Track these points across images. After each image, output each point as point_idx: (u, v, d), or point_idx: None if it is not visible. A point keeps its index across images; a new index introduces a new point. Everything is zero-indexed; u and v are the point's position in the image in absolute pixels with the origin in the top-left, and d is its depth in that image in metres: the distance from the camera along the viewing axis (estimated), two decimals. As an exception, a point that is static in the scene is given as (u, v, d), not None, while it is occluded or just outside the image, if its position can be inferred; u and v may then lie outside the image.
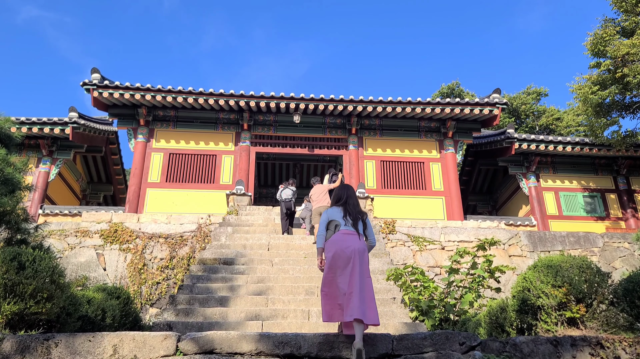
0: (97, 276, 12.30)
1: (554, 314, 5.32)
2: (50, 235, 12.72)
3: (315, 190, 12.23)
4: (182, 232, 13.26)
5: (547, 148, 17.21)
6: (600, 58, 15.21)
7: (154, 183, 15.82)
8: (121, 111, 16.26)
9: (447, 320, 8.29)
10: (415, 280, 8.86)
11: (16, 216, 6.76)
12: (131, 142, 16.25)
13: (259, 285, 9.54)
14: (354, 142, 16.89)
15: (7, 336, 4.41)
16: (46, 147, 16.72)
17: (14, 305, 4.75)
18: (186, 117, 16.69)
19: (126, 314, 7.49)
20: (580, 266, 5.44)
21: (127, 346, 4.48)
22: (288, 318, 8.37)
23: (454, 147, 17.08)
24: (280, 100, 15.77)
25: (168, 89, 15.34)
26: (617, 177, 18.22)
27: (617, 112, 15.45)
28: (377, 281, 10.04)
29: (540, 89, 34.12)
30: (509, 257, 13.67)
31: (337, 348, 4.63)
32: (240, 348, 4.63)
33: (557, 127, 31.33)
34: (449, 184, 16.56)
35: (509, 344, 4.58)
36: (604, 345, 4.45)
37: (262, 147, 16.82)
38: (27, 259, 5.07)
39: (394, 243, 13.54)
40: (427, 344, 4.66)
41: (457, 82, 34.12)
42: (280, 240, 11.89)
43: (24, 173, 7.61)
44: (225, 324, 7.77)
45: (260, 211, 14.22)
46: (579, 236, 14.38)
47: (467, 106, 16.18)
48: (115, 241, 12.97)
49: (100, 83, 15.15)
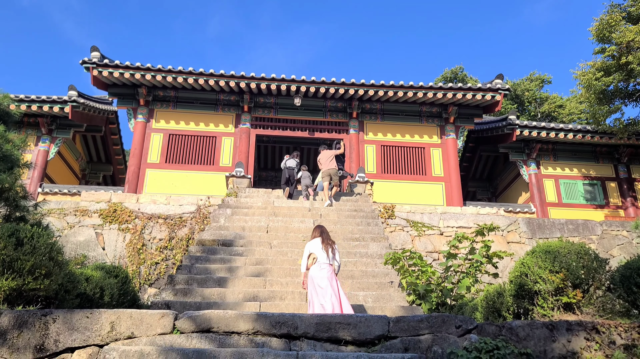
0: (96, 255, 12.34)
1: (550, 300, 5.33)
2: (49, 213, 12.73)
3: (323, 155, 14.15)
4: (181, 213, 13.27)
5: (549, 135, 17.14)
6: (605, 44, 15.08)
7: (154, 163, 15.78)
8: (121, 90, 16.16)
9: (444, 304, 8.33)
10: (413, 265, 8.88)
11: (15, 193, 6.74)
12: (131, 122, 16.18)
13: (258, 267, 9.57)
14: (354, 126, 16.82)
15: (5, 311, 4.42)
16: (45, 125, 16.65)
17: (12, 281, 4.76)
18: (186, 97, 16.60)
19: (124, 293, 7.52)
20: (578, 253, 5.44)
21: (124, 323, 4.50)
22: (286, 300, 8.41)
23: (455, 133, 17.01)
24: (281, 82, 15.67)
25: (168, 69, 15.23)
26: (618, 165, 18.18)
27: (620, 99, 15.35)
28: (375, 265, 10.07)
29: (544, 76, 33.91)
30: (507, 244, 13.70)
31: (334, 329, 4.65)
32: (237, 327, 4.65)
33: (560, 114, 31.19)
34: (449, 170, 16.53)
35: (505, 328, 4.60)
36: (600, 330, 4.46)
37: (263, 129, 16.75)
38: (25, 235, 5.06)
39: (392, 228, 13.56)
40: (424, 327, 4.67)
41: (460, 67, 33.88)
42: (279, 223, 11.91)
43: (23, 150, 7.57)
44: (224, 305, 7.80)
45: (259, 194, 14.21)
46: (577, 223, 14.40)
47: (469, 91, 16.08)
48: (115, 221, 12.98)
49: (100, 61, 15.03)
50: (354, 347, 4.65)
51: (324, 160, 13.95)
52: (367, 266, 10.04)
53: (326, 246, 7.22)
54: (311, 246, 7.32)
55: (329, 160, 13.88)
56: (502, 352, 4.21)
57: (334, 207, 13.17)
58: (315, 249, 7.25)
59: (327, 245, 7.23)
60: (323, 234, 7.38)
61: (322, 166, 13.92)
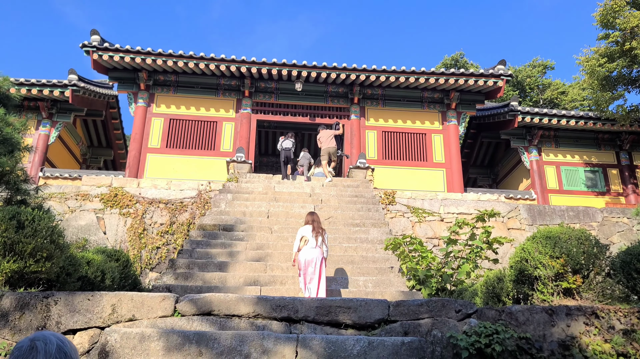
0: (97, 239, 12.37)
1: (550, 285, 5.34)
2: (50, 197, 12.74)
3: (323, 133, 15.00)
4: (182, 198, 13.27)
5: (551, 121, 17.07)
6: (609, 30, 14.94)
7: (154, 148, 15.76)
8: (121, 75, 16.08)
9: (444, 290, 8.36)
10: (414, 250, 8.90)
11: (15, 176, 6.74)
12: (131, 107, 16.12)
13: (258, 252, 9.60)
14: (355, 111, 16.75)
15: (7, 293, 4.44)
16: (46, 109, 16.59)
17: (14, 263, 4.78)
18: (187, 82, 16.51)
19: (125, 276, 7.56)
20: (579, 238, 5.44)
21: (125, 306, 4.52)
22: (286, 284, 8.45)
23: (456, 119, 16.95)
24: (282, 67, 15.57)
25: (169, 53, 15.13)
26: (620, 152, 18.13)
27: (623, 86, 15.26)
28: (376, 251, 10.10)
29: (547, 62, 33.65)
30: (508, 230, 13.71)
31: (334, 313, 4.67)
32: (238, 310, 4.67)
33: (562, 101, 31.03)
34: (450, 156, 16.49)
35: (505, 312, 4.61)
36: (599, 315, 4.48)
37: (263, 114, 16.69)
38: (26, 218, 5.07)
39: (393, 214, 13.57)
40: (424, 311, 4.69)
41: (461, 53, 33.63)
42: (279, 208, 11.92)
43: (23, 134, 7.55)
44: (224, 289, 7.84)
45: (260, 179, 14.21)
46: (578, 210, 14.39)
47: (471, 77, 15.98)
48: (116, 205, 13.00)
49: (100, 45, 14.93)
50: (354, 331, 4.67)
51: (324, 139, 14.83)
52: (367, 252, 10.06)
53: (316, 234, 8.04)
54: (303, 231, 8.17)
55: (328, 139, 14.77)
56: (502, 336, 4.23)
57: (335, 193, 13.17)
58: (306, 234, 8.09)
59: (317, 232, 8.05)
60: (314, 222, 8.19)
61: (321, 144, 14.82)
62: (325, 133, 15.00)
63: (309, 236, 8.04)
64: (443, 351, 4.22)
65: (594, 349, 4.27)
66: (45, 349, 1.84)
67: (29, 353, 1.83)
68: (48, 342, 1.87)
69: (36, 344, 1.85)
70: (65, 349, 1.91)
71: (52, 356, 1.84)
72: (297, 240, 8.21)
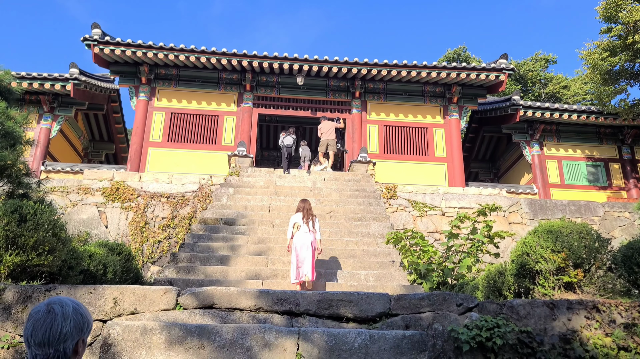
0: (99, 233, 12.39)
1: (551, 279, 5.35)
2: (52, 191, 12.76)
3: (324, 124, 15.42)
4: (183, 192, 13.28)
5: (553, 116, 17.03)
6: (611, 23, 14.87)
7: (156, 142, 15.76)
8: (123, 68, 16.05)
9: (445, 284, 8.37)
10: (415, 244, 8.90)
11: (17, 170, 6.75)
12: (133, 101, 16.11)
13: (260, 246, 9.62)
14: (357, 105, 16.72)
15: (9, 287, 4.45)
16: (47, 103, 16.59)
17: (16, 257, 4.79)
18: (188, 76, 16.49)
19: (127, 270, 7.58)
20: (580, 232, 5.44)
21: (127, 299, 4.53)
22: (287, 278, 8.47)
23: (458, 113, 16.91)
24: (284, 60, 15.53)
25: (170, 47, 15.10)
26: (622, 146, 18.09)
27: (625, 80, 15.20)
28: (377, 245, 10.10)
29: (549, 56, 33.53)
30: (509, 224, 13.71)
31: (335, 306, 4.68)
32: (239, 304, 4.68)
33: (564, 95, 30.93)
34: (451, 150, 16.47)
35: (506, 306, 4.62)
36: (600, 309, 4.48)
37: (265, 108, 16.67)
38: (28, 212, 5.08)
39: (394, 208, 13.57)
40: (425, 305, 4.70)
41: (463, 47, 33.53)
42: (281, 202, 11.92)
43: (25, 127, 7.56)
44: (226, 283, 7.86)
45: (261, 173, 14.20)
46: (579, 204, 14.38)
47: (473, 71, 15.94)
48: (117, 199, 13.01)
49: (101, 39, 14.91)
50: (355, 324, 4.68)
51: (325, 130, 15.26)
52: (368, 246, 10.07)
53: (306, 219, 8.58)
54: (295, 218, 8.72)
55: (329, 131, 15.20)
56: (503, 330, 4.24)
57: (336, 187, 13.18)
58: (298, 221, 8.64)
59: (307, 219, 8.59)
60: (304, 209, 8.72)
61: (323, 135, 15.23)
62: (327, 124, 15.37)
63: (300, 222, 8.56)
64: (444, 344, 4.23)
65: (595, 343, 4.28)
66: (62, 312, 1.96)
67: (46, 316, 1.95)
68: (64, 305, 2.00)
69: (53, 307, 1.97)
70: (81, 311, 2.05)
71: (69, 317, 1.97)
72: (290, 227, 8.70)
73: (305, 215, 8.64)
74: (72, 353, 1.98)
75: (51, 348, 1.92)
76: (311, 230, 8.48)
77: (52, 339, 1.92)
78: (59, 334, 1.93)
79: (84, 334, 2.03)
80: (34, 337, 1.92)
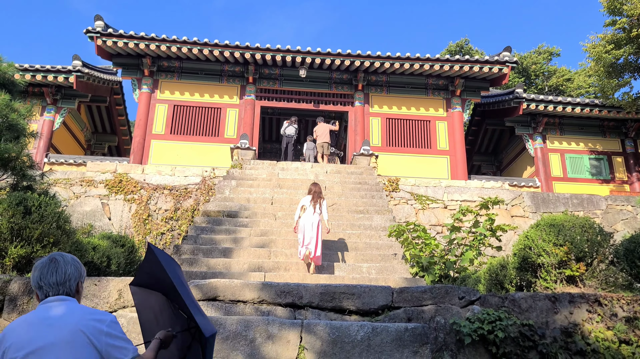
0: (102, 225, 12.44)
1: (553, 272, 5.37)
2: (55, 183, 12.80)
3: (320, 127, 15.95)
4: (186, 184, 13.31)
5: (556, 109, 16.97)
6: (616, 16, 14.77)
7: (159, 134, 15.78)
8: (125, 61, 16.04)
9: (447, 277, 8.40)
10: (417, 237, 8.92)
11: (21, 162, 6.77)
12: (135, 93, 16.11)
13: (262, 238, 9.65)
14: (360, 98, 16.69)
15: (15, 278, 4.49)
16: (50, 95, 16.60)
17: (21, 249, 4.82)
18: (191, 68, 16.47)
19: (131, 262, 7.62)
20: (582, 226, 5.45)
21: (132, 291, 4.56)
22: (290, 271, 8.51)
23: (461, 106, 16.87)
24: (286, 53, 15.49)
25: (172, 39, 15.08)
26: (625, 139, 18.03)
27: (629, 73, 15.12)
28: (379, 238, 10.13)
29: (552, 49, 33.36)
30: (512, 217, 13.71)
31: (338, 299, 4.71)
32: (243, 296, 4.71)
33: (567, 88, 30.81)
34: (454, 143, 16.45)
35: (508, 299, 4.64)
36: (602, 302, 4.50)
37: (267, 101, 16.65)
38: (33, 204, 5.11)
39: (397, 201, 13.58)
40: (427, 298, 4.73)
41: (466, 40, 33.37)
42: (283, 195, 11.95)
43: (28, 120, 7.57)
44: (229, 275, 7.90)
45: (264, 166, 14.22)
46: (582, 198, 14.37)
47: (476, 64, 15.88)
48: (120, 191, 13.05)
49: (103, 31, 14.88)
50: (357, 317, 4.71)
51: (320, 132, 15.84)
52: (371, 239, 10.10)
53: (314, 202, 9.06)
54: (304, 200, 9.26)
55: (324, 133, 15.78)
56: (504, 323, 4.26)
57: (338, 180, 13.19)
58: (305, 203, 9.15)
59: (315, 201, 9.08)
60: (314, 193, 9.22)
61: (318, 137, 15.82)
62: (322, 126, 15.91)
63: (308, 204, 9.08)
64: (446, 337, 4.26)
65: (597, 336, 4.30)
66: (63, 259, 2.43)
67: (51, 263, 2.42)
68: (63, 255, 2.46)
69: (55, 257, 2.43)
70: (77, 260, 2.52)
71: (69, 263, 2.45)
72: (298, 209, 9.29)
73: (315, 197, 9.14)
74: (75, 291, 2.44)
75: (60, 286, 2.37)
76: (317, 212, 8.96)
77: (60, 279, 2.38)
78: (64, 274, 2.39)
79: (81, 277, 2.50)
80: (44, 280, 2.37)
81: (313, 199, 9.10)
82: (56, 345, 2.16)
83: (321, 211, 9.05)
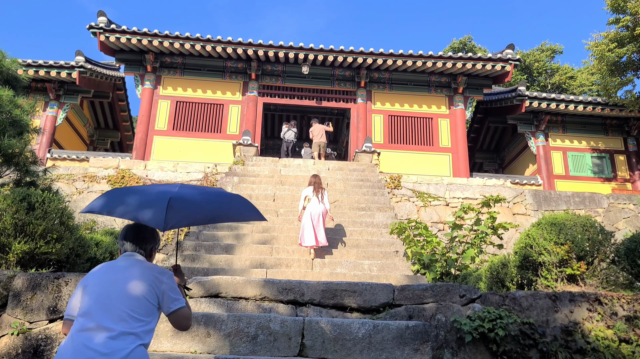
0: (105, 221, 12.48)
1: (554, 271, 5.38)
2: (58, 179, 12.84)
3: (315, 127, 16.13)
4: (188, 180, 13.34)
5: (558, 107, 16.94)
6: (619, 14, 14.73)
7: (161, 130, 15.80)
8: (128, 56, 16.05)
9: (448, 274, 8.41)
10: (419, 235, 8.93)
11: (25, 158, 6.80)
12: (138, 89, 16.13)
13: (264, 235, 9.68)
14: (362, 95, 16.69)
15: (19, 274, 4.52)
16: (53, 91, 16.62)
17: (25, 244, 4.85)
18: (193, 64, 16.48)
19: (133, 258, 7.63)
20: (584, 225, 5.47)
21: (135, 287, 4.59)
22: (292, 267, 8.53)
23: (463, 103, 16.86)
24: (289, 50, 15.50)
25: (175, 35, 15.08)
26: (628, 138, 18.00)
27: (632, 71, 15.09)
28: (381, 235, 10.15)
29: (555, 46, 33.24)
30: (513, 215, 13.73)
31: (339, 296, 4.74)
32: (245, 293, 4.74)
33: (570, 86, 30.73)
34: (456, 141, 16.45)
35: (509, 298, 4.66)
36: (602, 301, 4.52)
37: (270, 97, 16.65)
38: (36, 200, 5.13)
39: (398, 198, 13.60)
40: (428, 296, 4.75)
41: (469, 37, 33.28)
42: (285, 191, 11.97)
43: (32, 116, 7.59)
44: (231, 271, 7.93)
45: (266, 162, 14.24)
46: (584, 196, 14.36)
47: (478, 61, 15.86)
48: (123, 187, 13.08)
49: (106, 27, 14.89)
50: (359, 314, 4.74)
51: (316, 133, 16.02)
52: (372, 236, 10.12)
53: (317, 192, 9.50)
54: (306, 191, 9.66)
55: (320, 134, 15.93)
56: (505, 321, 4.29)
57: (340, 177, 13.21)
58: (308, 194, 9.55)
59: (317, 192, 9.51)
60: (315, 184, 9.64)
61: (313, 137, 16.05)
62: (317, 127, 16.09)
63: (311, 195, 9.48)
64: (447, 335, 4.28)
65: (597, 335, 4.32)
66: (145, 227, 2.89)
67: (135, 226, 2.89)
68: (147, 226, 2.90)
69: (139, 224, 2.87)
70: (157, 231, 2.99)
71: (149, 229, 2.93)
72: (301, 200, 9.64)
73: (316, 188, 9.56)
74: (149, 253, 2.90)
75: (138, 245, 2.84)
76: (320, 201, 9.41)
77: (139, 239, 2.85)
78: (143, 236, 2.87)
79: (156, 243, 2.95)
80: (127, 238, 2.85)
81: (315, 190, 9.52)
82: (128, 280, 2.63)
83: (324, 202, 9.51)
